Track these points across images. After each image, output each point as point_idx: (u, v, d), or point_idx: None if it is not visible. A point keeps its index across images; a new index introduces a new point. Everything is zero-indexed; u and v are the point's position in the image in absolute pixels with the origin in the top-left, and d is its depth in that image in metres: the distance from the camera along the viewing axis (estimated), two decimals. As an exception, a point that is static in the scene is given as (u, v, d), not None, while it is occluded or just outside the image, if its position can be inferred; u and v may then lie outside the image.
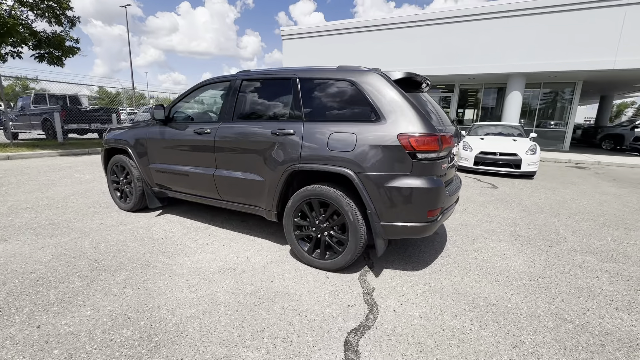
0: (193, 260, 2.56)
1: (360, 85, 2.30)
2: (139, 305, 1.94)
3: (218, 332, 1.73)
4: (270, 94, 2.72)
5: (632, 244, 3.25)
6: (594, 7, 10.07)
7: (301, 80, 2.53)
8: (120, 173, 3.71)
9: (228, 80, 2.94)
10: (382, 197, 2.14)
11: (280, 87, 2.65)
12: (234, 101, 2.83)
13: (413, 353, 1.62)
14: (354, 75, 2.35)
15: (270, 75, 2.72)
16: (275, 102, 2.67)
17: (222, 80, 3.03)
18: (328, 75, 2.45)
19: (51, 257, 2.53)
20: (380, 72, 2.32)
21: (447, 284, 2.34)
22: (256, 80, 2.79)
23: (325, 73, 2.47)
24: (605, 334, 1.82)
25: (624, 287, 2.38)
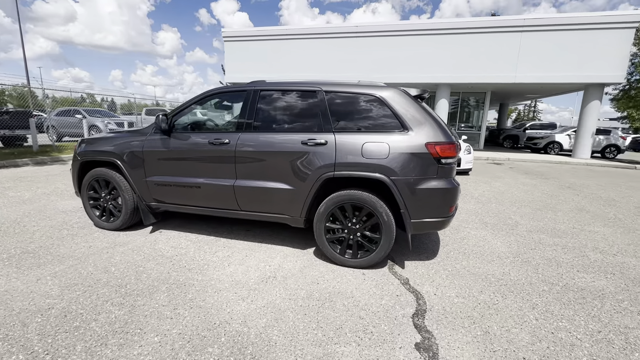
0: (227, 274, 2.52)
1: (386, 99, 2.59)
2: (204, 323, 1.90)
3: (303, 335, 1.82)
4: (294, 105, 2.81)
5: (562, 223, 4.23)
6: (498, 31, 12.26)
7: (326, 93, 2.71)
8: (102, 189, 3.31)
9: (243, 90, 2.94)
10: (414, 197, 2.47)
11: (305, 99, 2.78)
12: (253, 111, 2.84)
13: (469, 325, 1.97)
14: (379, 91, 2.63)
15: (293, 87, 2.82)
16: (300, 113, 2.78)
17: (236, 90, 3.00)
18: (354, 90, 2.68)
19: (60, 288, 2.21)
20: (402, 89, 2.65)
21: (459, 267, 2.78)
22: (276, 91, 2.86)
23: (350, 87, 2.70)
24: (581, 290, 2.45)
25: (574, 255, 3.15)
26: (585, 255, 3.16)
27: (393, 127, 2.55)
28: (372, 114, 2.62)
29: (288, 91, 2.84)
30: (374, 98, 2.63)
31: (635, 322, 2.06)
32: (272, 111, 2.85)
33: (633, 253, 3.25)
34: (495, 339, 1.84)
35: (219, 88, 3.06)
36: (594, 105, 12.29)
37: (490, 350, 1.74)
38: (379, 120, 2.60)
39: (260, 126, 2.82)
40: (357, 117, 2.65)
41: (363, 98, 2.66)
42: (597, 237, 3.70)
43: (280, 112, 2.84)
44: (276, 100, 2.85)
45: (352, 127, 2.63)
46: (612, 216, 4.66)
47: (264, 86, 2.89)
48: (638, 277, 2.70)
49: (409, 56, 13.18)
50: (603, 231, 3.93)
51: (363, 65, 13.70)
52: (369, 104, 2.64)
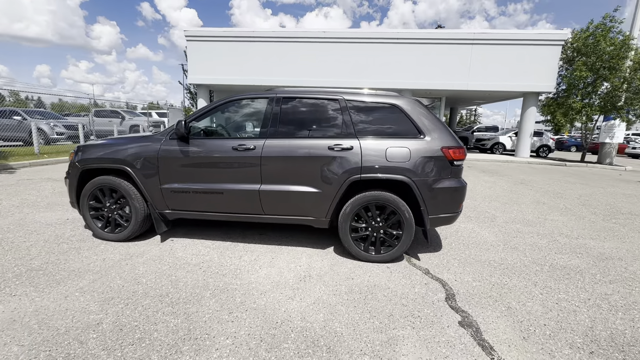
0: (262, 277, 2.59)
1: (402, 107, 2.87)
2: (267, 323, 1.98)
3: (363, 325, 2.00)
4: (315, 112, 2.96)
5: (528, 214, 4.91)
6: (453, 42, 13.48)
7: (348, 101, 2.91)
8: (107, 198, 3.13)
9: (265, 97, 3.02)
10: (432, 196, 2.78)
11: (326, 106, 2.95)
12: (277, 118, 2.94)
13: (493, 303, 2.30)
14: (395, 99, 2.90)
15: (314, 95, 2.97)
16: (322, 119, 2.94)
17: (257, 96, 3.06)
18: (372, 99, 2.92)
19: (97, 303, 2.11)
20: (415, 98, 2.95)
21: (464, 256, 3.16)
22: (298, 98, 2.98)
23: (369, 96, 2.93)
24: (564, 268, 2.96)
25: (548, 240, 3.73)
26: (556, 240, 3.76)
27: (410, 133, 2.83)
28: (390, 121, 2.88)
29: (310, 98, 2.98)
30: (391, 106, 2.89)
31: (610, 289, 2.58)
32: (295, 117, 2.97)
33: (589, 236, 3.94)
34: (517, 312, 2.19)
35: (240, 95, 3.09)
36: (532, 110, 14.09)
37: (517, 321, 2.09)
38: (397, 126, 2.87)
39: (285, 132, 2.92)
40: (377, 123, 2.89)
41: (381, 106, 2.91)
42: (559, 225, 4.38)
43: (303, 119, 2.97)
44: (298, 107, 2.98)
45: (372, 133, 2.86)
46: (563, 207, 5.50)
47: (286, 93, 3.00)
48: (599, 255, 3.31)
49: (374, 62, 13.87)
50: (561, 219, 4.66)
51: (331, 69, 14.10)
52: (386, 111, 2.90)
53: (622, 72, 12.03)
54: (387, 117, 2.90)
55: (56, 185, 5.59)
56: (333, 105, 2.94)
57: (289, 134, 2.92)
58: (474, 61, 13.38)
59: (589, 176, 9.97)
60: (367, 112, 2.91)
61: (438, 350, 1.79)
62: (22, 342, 1.73)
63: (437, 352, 1.77)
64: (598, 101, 12.93)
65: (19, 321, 1.90)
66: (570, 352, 1.82)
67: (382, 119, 2.90)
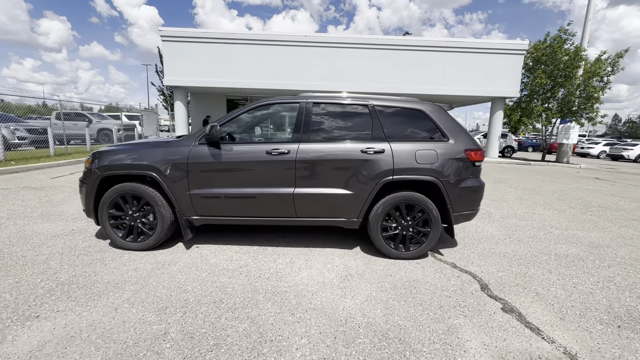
0: (306, 278, 2.64)
1: (427, 112, 3.07)
2: (332, 321, 2.05)
3: (420, 316, 2.13)
4: (346, 117, 3.07)
5: (518, 209, 5.36)
6: (429, 50, 14.20)
7: (376, 107, 3.06)
8: (129, 205, 3.01)
9: (296, 102, 3.07)
10: (457, 194, 2.99)
11: (356, 111, 3.07)
12: (309, 122, 3.01)
13: (522, 290, 2.55)
14: (420, 105, 3.10)
15: (344, 101, 3.08)
16: (353, 124, 3.06)
17: (288, 102, 3.11)
18: (399, 104, 3.09)
19: (153, 313, 2.05)
20: (437, 104, 3.16)
21: (481, 249, 3.42)
22: (328, 104, 3.08)
23: (396, 102, 3.10)
24: (567, 256, 3.31)
25: (544, 232, 4.12)
26: (550, 232, 4.16)
27: (436, 137, 3.04)
28: (416, 125, 3.07)
29: (339, 104, 3.09)
30: (416, 111, 3.08)
31: (611, 272, 2.94)
32: (327, 122, 3.06)
33: (576, 227, 4.40)
34: (545, 297, 2.45)
35: (269, 100, 3.12)
36: (499, 114, 15.21)
37: (549, 304, 2.33)
38: (423, 130, 3.06)
39: (318, 136, 3.00)
40: (405, 127, 3.06)
41: (407, 112, 3.09)
42: (547, 218, 4.84)
43: (334, 123, 3.07)
44: (329, 112, 3.07)
45: (401, 137, 3.03)
46: (543, 202, 6.06)
47: (316, 99, 3.08)
48: (590, 243, 3.73)
49: (354, 67, 14.23)
50: (547, 213, 5.15)
51: (310, 73, 14.24)
52: (412, 116, 3.08)
53: (576, 79, 13.39)
54: (414, 122, 3.08)
55: (40, 195, 5.17)
56: (362, 110, 3.07)
57: (322, 138, 3.01)
58: (448, 68, 14.20)
59: (553, 174, 10.97)
60: (394, 116, 3.07)
61: (495, 334, 1.97)
62: (94, 357, 1.66)
63: (495, 336, 1.95)
64: (556, 106, 14.25)
65: (77, 337, 1.81)
66: (602, 327, 2.08)
67: (409, 123, 3.08)
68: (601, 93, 13.41)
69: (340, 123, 3.08)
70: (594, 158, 22.83)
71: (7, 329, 1.85)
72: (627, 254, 3.42)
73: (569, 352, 1.83)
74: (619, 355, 1.82)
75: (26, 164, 7.90)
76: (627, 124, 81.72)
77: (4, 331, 1.84)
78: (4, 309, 2.05)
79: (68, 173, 7.42)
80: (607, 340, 1.95)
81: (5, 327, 1.88)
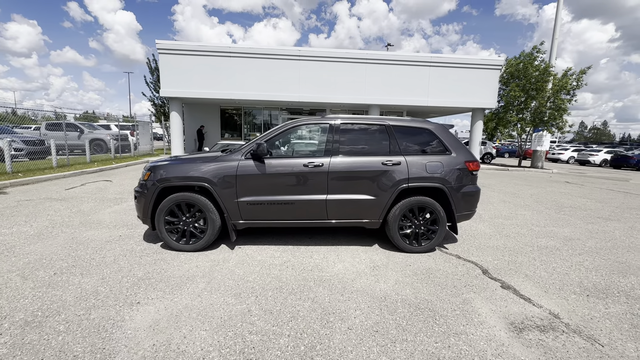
0: (342, 269, 3.20)
1: (433, 131, 3.74)
2: (374, 299, 2.61)
3: (440, 293, 2.74)
4: (367, 135, 3.69)
5: (502, 210, 6.14)
6: (414, 64, 15.21)
7: (392, 127, 3.69)
8: (183, 212, 3.48)
9: (326, 123, 3.66)
10: (459, 198, 3.65)
11: (375, 130, 3.69)
12: (338, 140, 3.60)
13: (515, 273, 3.21)
14: (427, 125, 3.76)
15: (366, 121, 3.71)
16: (373, 140, 3.67)
17: (319, 122, 3.70)
18: (411, 124, 3.74)
19: (232, 297, 2.54)
20: (441, 124, 3.84)
21: (477, 244, 4.09)
22: (352, 123, 3.69)
23: (408, 122, 3.75)
24: (547, 247, 4.03)
25: (527, 229, 4.87)
26: (531, 229, 4.92)
27: (441, 151, 3.70)
28: (425, 141, 3.73)
29: (362, 124, 3.71)
30: (425, 129, 3.74)
31: (581, 259, 3.67)
32: (352, 139, 3.66)
33: (552, 224, 5.19)
34: (533, 277, 3.11)
35: (304, 120, 3.70)
36: (479, 124, 16.38)
37: (536, 282, 3.00)
38: (431, 146, 3.72)
39: (345, 151, 3.60)
40: (416, 143, 3.71)
41: (418, 130, 3.74)
42: (527, 217, 5.62)
43: (359, 140, 3.67)
44: (354, 131, 3.68)
45: (414, 151, 3.67)
46: (523, 204, 6.89)
47: (343, 120, 3.68)
48: (564, 237, 4.49)
49: (346, 80, 15.02)
50: (527, 214, 5.94)
51: (305, 86, 14.91)
52: (422, 134, 3.74)
53: (546, 92, 14.74)
54: (423, 138, 3.73)
55: (67, 205, 5.46)
56: (381, 128, 3.70)
57: (349, 152, 3.60)
58: (432, 80, 15.26)
59: (529, 178, 12.04)
60: (407, 134, 3.72)
61: (498, 303, 2.60)
62: (203, 328, 2.14)
63: (498, 304, 2.57)
64: (529, 116, 15.57)
65: (181, 315, 2.29)
66: (575, 296, 2.76)
67: (419, 139, 3.73)
68: (568, 104, 14.82)
69: (363, 140, 3.69)
70: (563, 163, 24.65)
71: (121, 311, 2.30)
72: (593, 245, 4.19)
73: (552, 313, 2.48)
74: (588, 313, 2.49)
75: (33, 175, 8.03)
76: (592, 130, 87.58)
77: (119, 313, 2.29)
78: (107, 298, 2.49)
79: (79, 184, 7.63)
80: (579, 305, 2.62)
81: (118, 310, 2.32)
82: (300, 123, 3.70)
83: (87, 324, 2.14)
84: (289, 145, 3.98)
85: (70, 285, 2.68)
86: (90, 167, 10.12)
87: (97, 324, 2.15)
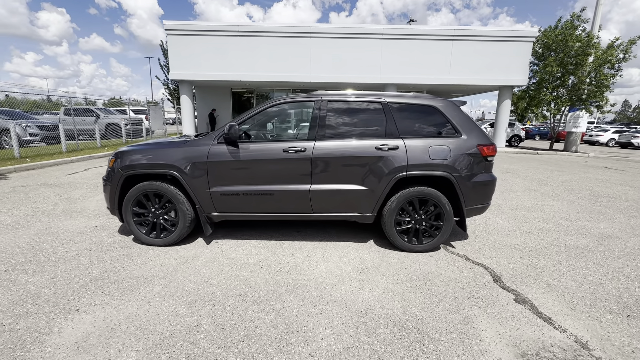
0: (324, 271, 2.76)
1: (440, 109, 3.12)
2: (352, 312, 2.16)
3: (436, 307, 2.24)
4: (361, 114, 3.13)
5: (526, 200, 5.41)
6: (435, 39, 13.99)
7: (390, 104, 3.11)
8: (152, 203, 3.13)
9: (311, 100, 3.13)
10: (469, 189, 3.06)
11: (370, 108, 3.13)
12: (324, 120, 3.08)
13: (534, 281, 2.63)
14: (433, 101, 3.14)
15: (358, 98, 3.14)
16: (367, 121, 3.12)
17: (302, 100, 3.17)
18: (413, 101, 3.14)
19: (184, 305, 2.18)
20: (449, 100, 3.20)
21: (492, 241, 3.50)
22: (342, 101, 3.14)
23: (409, 98, 3.15)
24: (576, 248, 3.38)
25: (553, 223, 4.18)
26: (559, 223, 4.22)
27: (449, 133, 3.09)
28: (430, 121, 3.12)
29: (353, 101, 3.14)
30: (429, 107, 3.13)
31: (620, 263, 3.01)
32: (341, 120, 3.12)
33: (585, 218, 4.45)
34: (556, 288, 2.54)
35: (284, 98, 3.18)
36: (507, 103, 15.04)
37: (560, 295, 2.42)
38: (436, 126, 3.11)
39: (332, 134, 3.07)
40: (418, 124, 3.12)
41: (420, 108, 3.13)
42: (555, 209, 4.89)
43: (350, 121, 3.13)
44: (344, 110, 3.13)
45: (415, 133, 3.08)
46: (552, 193, 6.09)
47: (331, 97, 3.14)
48: (600, 235, 3.79)
49: (360, 58, 14.10)
50: (556, 204, 5.19)
51: (316, 65, 14.15)
52: (425, 112, 3.13)
53: (586, 66, 13.14)
54: (427, 118, 3.13)
55: (59, 192, 5.33)
56: (376, 107, 3.12)
57: (337, 135, 3.08)
58: (455, 57, 14.01)
59: (561, 163, 10.91)
60: (407, 113, 3.12)
61: (508, 324, 2.07)
62: (135, 347, 1.79)
63: (508, 326, 2.05)
64: (565, 94, 14.04)
65: (117, 328, 1.95)
66: (612, 317, 2.17)
67: (422, 119, 3.13)
68: (612, 79, 13.17)
69: (355, 120, 3.14)
70: (602, 146, 22.53)
71: (52, 322, 2.00)
72: (636, 245, 3.48)
73: (580, 340, 1.93)
74: (628, 343, 1.92)
75: (40, 160, 8.08)
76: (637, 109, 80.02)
77: (49, 323, 1.98)
78: (46, 303, 2.20)
79: (82, 169, 7.59)
80: (616, 329, 2.04)
81: (50, 320, 2.02)
82: (281, 101, 3.19)
83: (6, 338, 1.85)
84: (271, 128, 3.51)
85: (15, 285, 2.42)
86: (99, 152, 10.14)
87: (17, 338, 1.85)
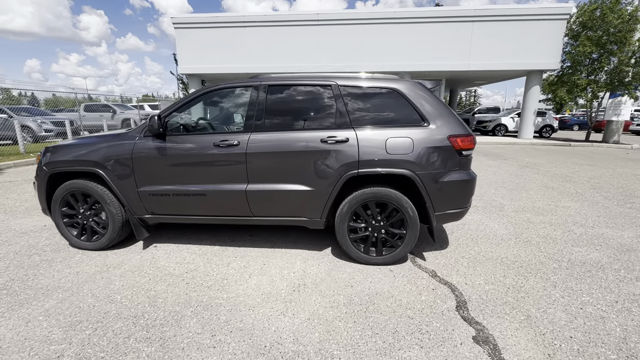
0: (252, 287, 2.33)
1: (403, 92, 2.54)
2: (254, 348, 1.73)
3: (364, 345, 1.74)
4: (307, 101, 2.64)
5: (538, 201, 4.63)
6: (453, 20, 12.88)
7: (341, 87, 2.58)
8: (80, 204, 2.85)
9: (249, 85, 2.68)
10: (439, 190, 2.48)
11: (318, 94, 2.62)
12: (263, 109, 2.62)
13: (510, 310, 2.05)
14: (395, 83, 2.57)
15: (304, 82, 2.64)
16: (314, 109, 2.62)
17: (239, 85, 2.73)
18: (369, 84, 2.59)
19: (61, 329, 1.85)
20: (417, 81, 2.62)
21: (474, 253, 2.90)
22: (286, 86, 2.65)
23: (365, 81, 2.60)
24: (583, 264, 2.70)
25: (562, 230, 3.46)
26: (570, 230, 3.49)
27: (413, 121, 2.52)
28: (390, 108, 2.56)
29: (299, 85, 2.65)
30: (390, 90, 2.57)
31: (639, 288, 2.32)
32: (284, 107, 2.65)
33: (605, 224, 3.66)
34: (538, 322, 1.94)
35: (220, 84, 2.76)
36: (535, 89, 13.62)
37: (540, 334, 1.83)
38: (398, 114, 2.55)
39: (272, 125, 2.61)
40: (376, 111, 2.57)
41: (379, 91, 2.58)
42: (572, 212, 4.11)
43: (292, 109, 2.65)
44: (286, 96, 2.65)
45: (370, 122, 2.54)
46: (574, 191, 5.22)
47: (272, 80, 2.67)
48: (619, 246, 3.05)
49: (371, 45, 13.32)
50: (573, 206, 4.38)
51: (325, 54, 13.56)
52: (386, 97, 2.57)
53: (631, 45, 11.50)
54: (387, 104, 2.57)
55: (39, 187, 5.29)
56: (325, 92, 2.61)
57: (277, 127, 2.61)
58: (475, 40, 12.82)
59: (596, 156, 9.64)
60: (363, 98, 2.58)
61: (452, 376, 1.54)
62: (-35, 386, 1.48)
63: (450, 380, 1.52)
64: (604, 77, 12.44)
65: (-33, 357, 1.65)
66: (605, 373, 1.57)
67: (381, 105, 2.58)
68: (662, 60, 11.43)
69: (300, 108, 2.66)
70: (652, 136, 20.04)
71: None
72: (666, 262, 2.73)
73: (546, 410, 1.37)
74: (620, 420, 1.33)
75: (44, 156, 8.26)
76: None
77: None
78: None
79: (78, 164, 7.65)
80: (607, 394, 1.45)
81: None
82: (214, 88, 2.76)
83: None
84: (207, 118, 3.10)
85: None
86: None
87: None
